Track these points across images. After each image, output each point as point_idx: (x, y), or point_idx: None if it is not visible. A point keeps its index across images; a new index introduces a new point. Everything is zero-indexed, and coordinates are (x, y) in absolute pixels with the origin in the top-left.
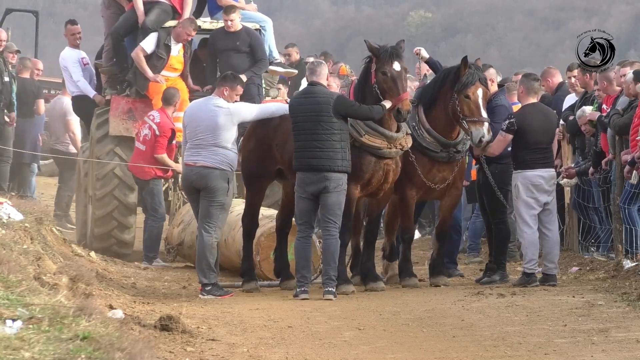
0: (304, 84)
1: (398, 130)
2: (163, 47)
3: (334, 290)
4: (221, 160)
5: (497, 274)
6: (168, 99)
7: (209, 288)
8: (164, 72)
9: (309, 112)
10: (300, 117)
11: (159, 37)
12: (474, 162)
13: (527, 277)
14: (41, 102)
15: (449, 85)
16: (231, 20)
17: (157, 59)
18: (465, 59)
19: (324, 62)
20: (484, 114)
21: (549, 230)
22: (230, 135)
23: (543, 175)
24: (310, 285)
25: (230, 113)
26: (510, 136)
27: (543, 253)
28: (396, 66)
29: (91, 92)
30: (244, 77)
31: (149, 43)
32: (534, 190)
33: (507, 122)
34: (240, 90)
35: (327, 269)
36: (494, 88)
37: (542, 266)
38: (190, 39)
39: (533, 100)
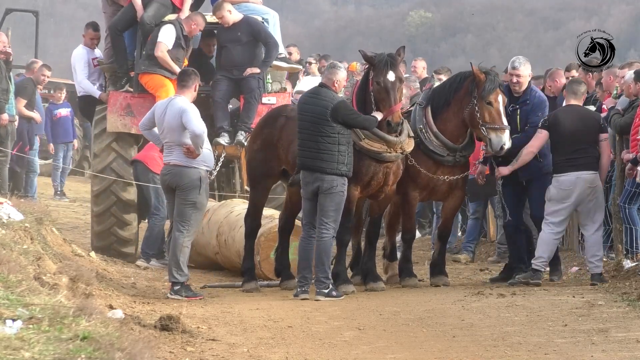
0: (305, 81)
1: (400, 134)
2: (183, 37)
3: (325, 291)
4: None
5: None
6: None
7: (177, 288)
8: None
9: (309, 112)
10: (302, 116)
11: (177, 28)
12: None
13: (533, 273)
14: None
15: (465, 90)
16: (219, 18)
17: (180, 51)
18: (471, 65)
19: (340, 66)
20: (505, 122)
21: (586, 231)
22: None
23: (574, 179)
24: (311, 285)
25: (188, 112)
26: (545, 132)
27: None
28: (390, 76)
29: (96, 93)
30: (255, 70)
31: (169, 36)
32: (561, 193)
33: (542, 119)
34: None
35: (316, 271)
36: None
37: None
38: (198, 32)
39: (573, 102)
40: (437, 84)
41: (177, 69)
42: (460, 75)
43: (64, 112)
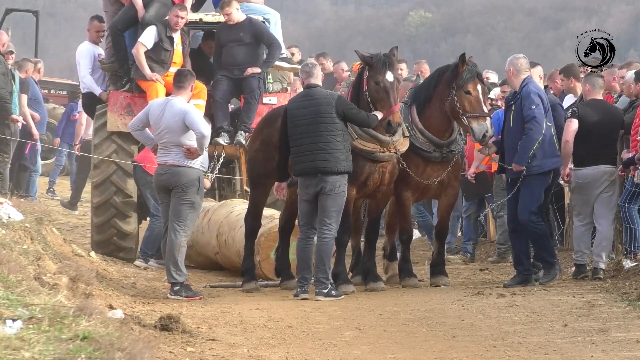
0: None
1: (394, 134)
2: (166, 39)
3: (324, 291)
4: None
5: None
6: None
7: (177, 288)
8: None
9: (310, 115)
10: (301, 121)
11: (158, 29)
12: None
13: (578, 269)
14: (23, 97)
15: (444, 84)
16: (227, 14)
17: (163, 53)
18: (463, 56)
19: (317, 63)
20: (485, 109)
21: (599, 224)
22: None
23: (592, 172)
24: (311, 285)
25: (191, 113)
26: (575, 120)
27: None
28: (389, 76)
29: (97, 90)
30: (256, 70)
31: (148, 37)
32: (584, 186)
33: (570, 110)
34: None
35: (316, 272)
36: None
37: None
38: (180, 22)
39: (598, 96)
40: None
41: (148, 71)
42: (438, 70)
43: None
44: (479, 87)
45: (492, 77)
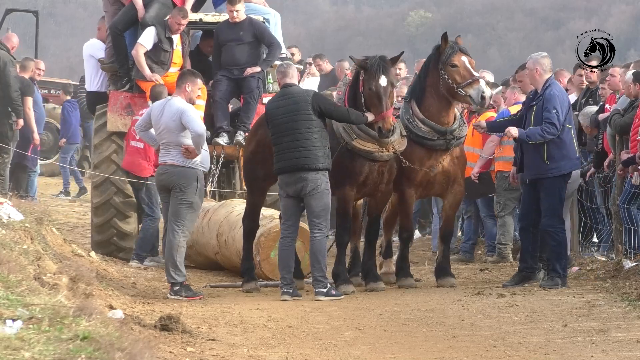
0: (307, 82)
1: (392, 133)
2: (165, 40)
3: (323, 290)
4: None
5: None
6: (156, 97)
7: (177, 288)
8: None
9: (288, 113)
10: (279, 120)
11: (157, 30)
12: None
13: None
14: (28, 99)
15: (433, 68)
16: (237, 11)
17: (163, 54)
18: (445, 35)
19: (290, 63)
20: (476, 73)
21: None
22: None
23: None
24: (308, 285)
25: (188, 112)
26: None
27: None
28: (382, 81)
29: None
30: (256, 69)
31: (147, 38)
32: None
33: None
34: (200, 84)
35: (313, 271)
36: None
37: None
38: (181, 28)
39: None
40: None
41: (148, 72)
42: (425, 61)
43: None
44: (463, 58)
45: (488, 77)
